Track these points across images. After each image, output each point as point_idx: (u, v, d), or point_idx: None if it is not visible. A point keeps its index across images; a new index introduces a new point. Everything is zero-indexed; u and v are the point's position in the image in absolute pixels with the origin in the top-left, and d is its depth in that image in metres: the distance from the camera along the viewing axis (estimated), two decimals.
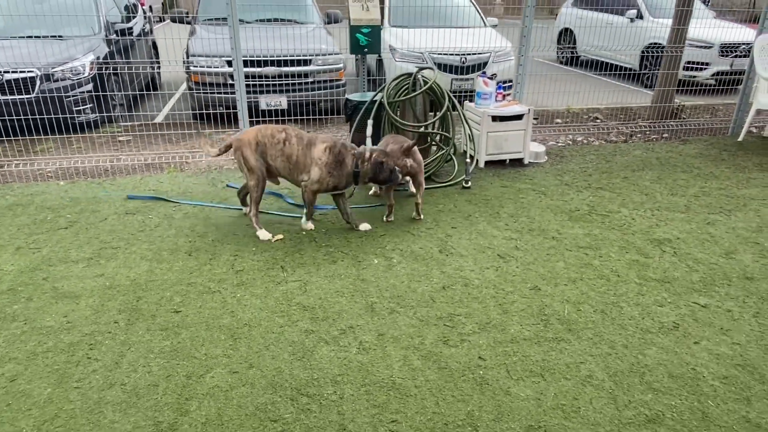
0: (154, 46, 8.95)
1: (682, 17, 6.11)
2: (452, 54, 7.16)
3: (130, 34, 7.43)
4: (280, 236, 3.49)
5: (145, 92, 7.64)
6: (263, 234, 3.46)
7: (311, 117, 6.28)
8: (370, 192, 4.24)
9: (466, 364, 2.38)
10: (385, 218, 3.75)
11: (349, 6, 4.51)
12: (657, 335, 2.59)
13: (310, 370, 2.32)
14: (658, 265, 3.21)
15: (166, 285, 2.94)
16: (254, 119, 5.94)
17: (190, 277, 3.01)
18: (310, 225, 3.61)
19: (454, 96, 6.55)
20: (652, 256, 3.32)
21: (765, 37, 5.45)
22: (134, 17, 8.27)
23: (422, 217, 3.79)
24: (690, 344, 2.53)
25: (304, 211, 3.58)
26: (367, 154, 3.42)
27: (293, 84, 6.38)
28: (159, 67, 8.79)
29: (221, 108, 6.09)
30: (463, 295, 2.90)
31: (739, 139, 5.70)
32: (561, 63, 11.39)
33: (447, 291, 2.94)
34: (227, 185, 4.36)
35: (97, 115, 6.02)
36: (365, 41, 4.56)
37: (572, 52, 11.04)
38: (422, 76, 4.39)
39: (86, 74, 6.05)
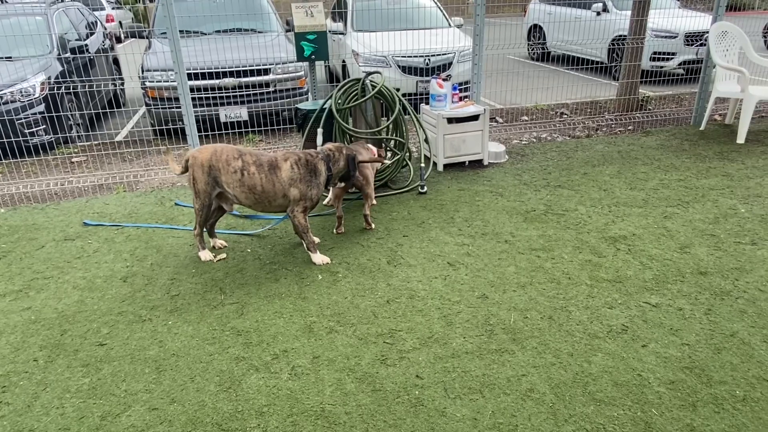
0: (116, 62, 8.79)
1: (641, 8, 6.06)
2: (416, 56, 7.08)
3: (87, 51, 7.27)
4: (223, 256, 3.36)
5: (108, 110, 7.48)
6: (204, 255, 3.32)
7: (273, 128, 6.15)
8: (325, 202, 4.12)
9: (402, 385, 2.26)
10: (335, 230, 3.63)
11: (293, 12, 4.40)
12: (604, 340, 2.49)
13: (236, 402, 2.19)
14: (611, 265, 3.11)
15: (95, 316, 2.79)
16: (215, 132, 5.81)
17: (122, 306, 2.87)
18: (321, 258, 3.24)
19: (420, 98, 6.43)
20: (605, 255, 3.22)
21: (720, 25, 5.41)
22: (92, 34, 8.12)
23: (373, 226, 3.67)
24: (638, 348, 2.43)
25: (304, 244, 3.26)
26: (336, 154, 3.28)
27: (253, 94, 6.26)
28: (122, 84, 8.63)
29: (180, 123, 5.94)
30: (407, 308, 2.78)
31: (701, 128, 5.64)
32: (532, 59, 11.36)
33: (391, 305, 2.82)
34: (175, 203, 4.22)
35: (51, 136, 5.86)
36: (311, 48, 4.44)
37: (543, 48, 11.01)
38: (371, 81, 4.29)
39: (37, 95, 5.89)
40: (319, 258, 3.24)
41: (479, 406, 2.14)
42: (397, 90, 4.64)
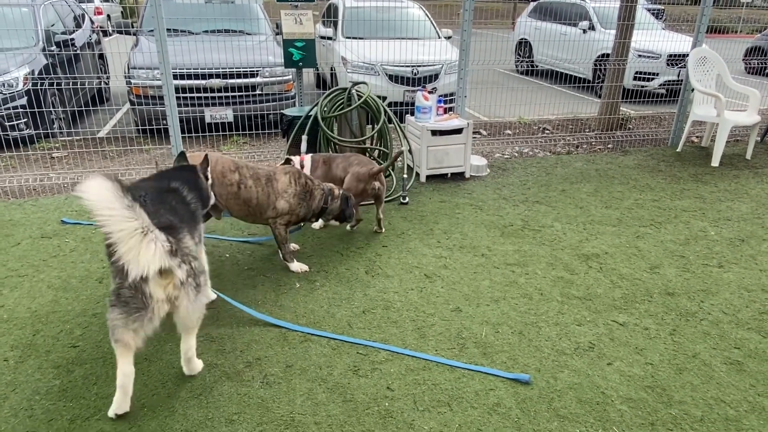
0: (102, 58, 8.71)
1: (625, 31, 6.21)
2: (404, 66, 7.15)
3: (73, 46, 7.19)
4: None
5: (90, 106, 7.40)
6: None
7: (258, 132, 6.16)
8: (315, 226, 3.97)
9: (372, 396, 2.30)
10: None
11: (282, 19, 4.43)
12: (571, 357, 2.56)
13: (206, 409, 2.20)
14: (582, 282, 3.19)
15: (69, 316, 2.78)
16: (199, 134, 5.79)
17: (96, 307, 2.86)
18: (298, 266, 3.24)
19: (406, 107, 6.50)
20: (577, 272, 3.30)
21: (699, 50, 5.57)
22: (79, 28, 8.04)
23: (384, 229, 3.78)
24: (603, 366, 2.50)
25: (281, 254, 3.27)
26: (336, 191, 3.32)
27: (240, 96, 6.26)
28: (108, 80, 8.55)
29: (164, 122, 5.92)
30: (382, 319, 2.82)
31: (678, 149, 5.79)
32: (519, 73, 11.52)
33: (366, 315, 2.85)
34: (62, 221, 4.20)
35: (32, 130, 5.79)
36: (299, 55, 4.47)
37: (530, 63, 11.18)
38: (356, 90, 4.33)
39: (20, 88, 5.82)
40: (296, 266, 3.26)
41: (447, 419, 2.18)
42: (384, 99, 4.70)
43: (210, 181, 2.74)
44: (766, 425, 2.17)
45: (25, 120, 5.78)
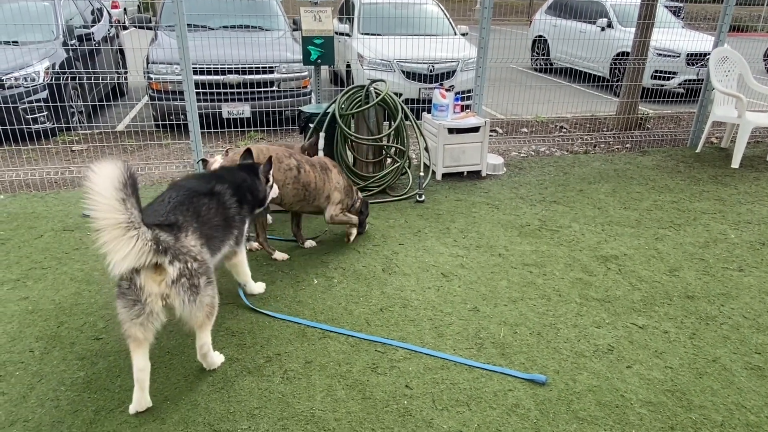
0: (121, 52, 8.79)
1: (645, 30, 6.13)
2: (420, 62, 7.14)
3: (93, 39, 7.27)
4: None
5: (111, 101, 7.48)
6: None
7: (276, 128, 6.18)
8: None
9: (391, 394, 2.31)
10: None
11: (301, 16, 4.44)
12: (590, 359, 2.55)
13: (228, 403, 2.24)
14: (601, 284, 3.18)
15: (92, 309, 2.83)
16: (217, 130, 5.83)
17: None
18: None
19: (422, 105, 6.49)
20: (596, 273, 3.29)
21: (721, 50, 5.49)
22: (98, 22, 8.12)
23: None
24: (622, 369, 2.49)
25: (354, 231, 3.56)
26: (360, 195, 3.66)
27: (257, 92, 6.29)
28: (126, 74, 8.63)
29: (183, 117, 5.97)
30: (399, 317, 2.83)
31: (697, 150, 5.72)
32: (535, 70, 11.43)
33: (384, 313, 2.87)
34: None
35: (53, 123, 5.87)
36: (317, 53, 4.49)
37: (546, 61, 11.08)
38: (375, 89, 4.33)
39: (41, 81, 5.90)
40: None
41: (465, 418, 2.19)
42: (399, 95, 4.69)
43: (271, 182, 2.87)
44: None
45: (46, 113, 5.86)
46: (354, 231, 3.58)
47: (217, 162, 3.30)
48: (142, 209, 1.95)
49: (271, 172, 2.86)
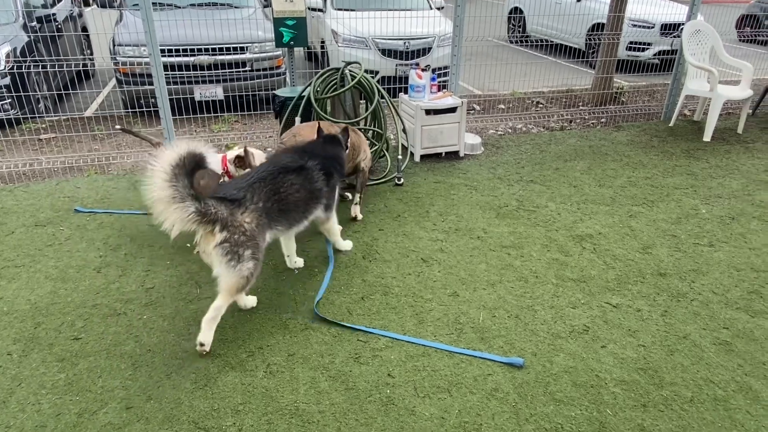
0: (85, 31, 8.45)
1: (619, 4, 6.11)
2: (396, 39, 7.02)
3: (55, 20, 6.96)
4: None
5: (77, 85, 7.22)
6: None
7: (250, 112, 6.06)
8: None
9: (374, 383, 2.35)
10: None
11: None
12: (566, 340, 2.62)
13: (211, 400, 2.25)
14: (577, 264, 3.25)
15: (69, 308, 2.79)
16: (189, 116, 5.69)
17: (96, 298, 2.87)
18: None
19: (398, 83, 6.39)
20: (572, 254, 3.35)
21: (694, 23, 5.52)
22: (60, 1, 7.77)
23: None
24: (597, 348, 2.57)
25: (358, 198, 3.75)
26: None
27: (229, 73, 6.14)
28: (91, 56, 8.32)
29: (153, 101, 5.80)
30: (381, 305, 2.86)
31: (671, 124, 5.80)
32: (511, 42, 11.35)
33: (365, 301, 2.89)
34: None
35: (18, 112, 5.66)
36: (290, 35, 4.38)
37: (522, 34, 11.00)
38: (350, 71, 4.27)
39: (2, 68, 5.66)
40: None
41: (447, 405, 2.25)
42: (376, 73, 4.61)
43: (347, 149, 3.24)
44: (753, 405, 2.26)
45: (9, 101, 5.64)
46: (357, 208, 3.77)
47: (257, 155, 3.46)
48: (192, 184, 2.29)
49: (348, 140, 3.25)
